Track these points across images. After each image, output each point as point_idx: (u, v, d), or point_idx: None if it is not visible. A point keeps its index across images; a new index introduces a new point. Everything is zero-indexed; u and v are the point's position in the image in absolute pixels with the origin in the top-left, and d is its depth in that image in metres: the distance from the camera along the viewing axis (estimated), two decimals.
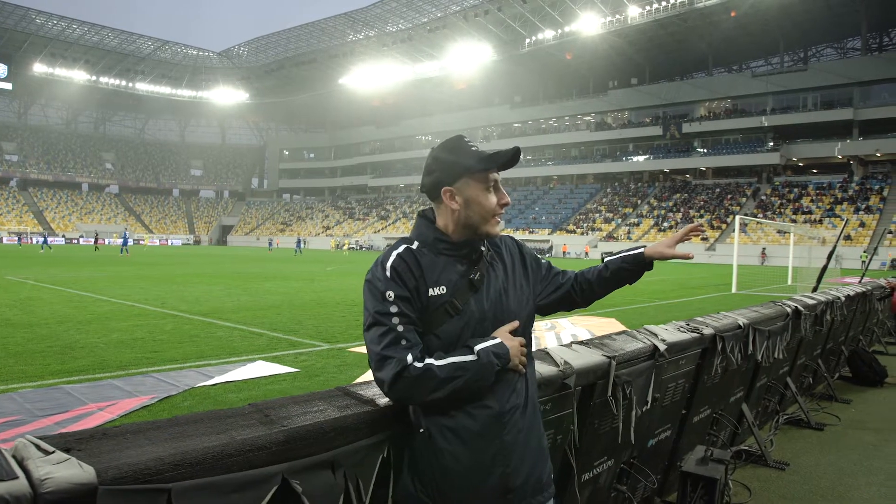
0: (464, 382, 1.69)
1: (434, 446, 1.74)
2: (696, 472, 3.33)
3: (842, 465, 4.86)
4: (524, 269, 1.99)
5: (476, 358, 1.71)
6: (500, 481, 1.76)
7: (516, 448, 1.78)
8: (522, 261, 2.00)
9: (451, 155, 1.83)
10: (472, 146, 1.84)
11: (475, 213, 1.82)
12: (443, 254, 1.82)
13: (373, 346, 1.71)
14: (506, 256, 1.95)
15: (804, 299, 5.71)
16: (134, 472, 1.30)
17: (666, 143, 67.72)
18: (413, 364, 1.67)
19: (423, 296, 1.77)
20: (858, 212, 50.77)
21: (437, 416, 1.75)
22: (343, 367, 7.65)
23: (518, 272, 1.96)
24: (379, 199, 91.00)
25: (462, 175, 1.82)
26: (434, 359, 1.70)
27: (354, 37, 77.28)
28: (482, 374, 1.71)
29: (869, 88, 56.08)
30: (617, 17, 61.32)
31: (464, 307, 1.78)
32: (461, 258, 1.84)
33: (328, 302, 15.08)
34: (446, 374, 1.68)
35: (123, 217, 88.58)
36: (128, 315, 11.90)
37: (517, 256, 2.00)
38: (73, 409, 5.71)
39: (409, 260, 1.79)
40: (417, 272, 1.78)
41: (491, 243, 1.94)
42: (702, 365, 3.70)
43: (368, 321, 1.75)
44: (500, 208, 1.85)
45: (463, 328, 1.77)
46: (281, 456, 1.51)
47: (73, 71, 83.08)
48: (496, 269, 1.90)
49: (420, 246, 1.83)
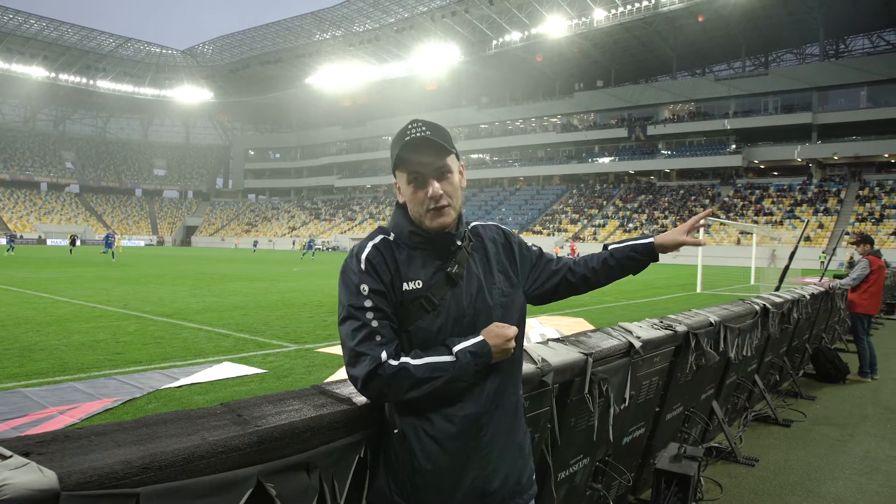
0: (441, 383, 1.63)
1: (408, 446, 1.68)
2: (669, 469, 3.34)
3: (809, 460, 4.94)
4: (512, 258, 1.90)
5: (454, 359, 1.65)
6: (477, 484, 1.70)
7: (494, 449, 1.73)
8: (510, 250, 1.91)
9: (393, 143, 1.76)
10: (408, 133, 1.72)
11: (411, 207, 1.76)
12: (417, 247, 1.75)
13: (347, 340, 1.65)
14: (489, 247, 1.86)
15: (771, 297, 5.78)
16: (99, 477, 1.22)
17: (631, 145, 68.51)
18: (388, 362, 1.61)
19: (398, 290, 1.70)
20: (817, 213, 51.98)
21: (412, 415, 1.69)
22: (312, 368, 7.54)
23: (503, 262, 1.87)
24: (345, 200, 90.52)
25: (395, 167, 1.76)
26: (411, 357, 1.64)
27: (321, 36, 76.78)
28: (459, 374, 1.65)
29: (827, 93, 57.49)
30: (583, 20, 61.86)
31: (440, 302, 1.71)
32: (436, 250, 1.76)
33: (295, 302, 14.90)
34: (422, 374, 1.62)
35: (84, 217, 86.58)
36: (89, 316, 11.59)
37: (503, 245, 1.91)
38: (32, 412, 5.52)
39: (385, 252, 1.72)
40: (392, 265, 1.71)
41: (472, 234, 1.86)
42: (675, 362, 3.70)
43: (342, 314, 1.68)
44: (431, 202, 1.72)
45: (441, 325, 1.70)
46: (255, 457, 1.45)
47: (31, 67, 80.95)
48: (477, 261, 1.81)
49: (396, 237, 1.76)
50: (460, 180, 1.80)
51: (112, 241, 39.98)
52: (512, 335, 1.70)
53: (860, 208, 51.11)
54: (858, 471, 4.76)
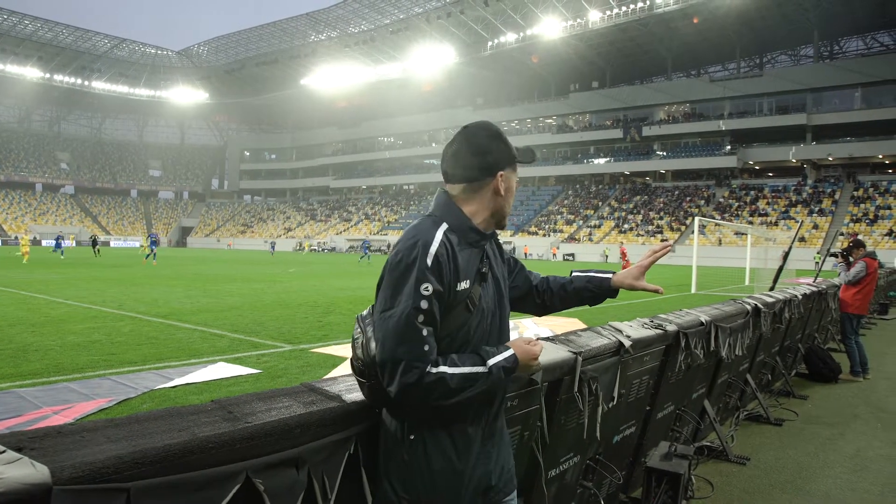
0: (473, 394, 1.64)
1: (426, 451, 1.68)
2: (660, 467, 3.36)
3: (800, 459, 4.97)
4: (502, 261, 1.97)
5: (487, 371, 1.65)
6: (483, 481, 1.75)
7: (494, 446, 1.80)
8: (500, 253, 1.97)
9: (503, 141, 1.79)
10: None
11: (509, 203, 1.82)
12: (471, 244, 1.75)
13: (391, 339, 1.59)
14: (496, 248, 1.95)
15: (763, 297, 5.82)
16: (91, 472, 1.24)
17: (626, 146, 68.62)
18: (429, 371, 1.58)
19: (453, 290, 1.67)
20: (812, 214, 52.18)
21: (434, 422, 1.68)
22: (306, 368, 7.55)
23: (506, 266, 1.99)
24: (341, 201, 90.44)
25: (510, 162, 1.81)
26: (447, 366, 1.61)
27: (316, 37, 76.74)
28: (490, 388, 1.67)
29: (821, 95, 57.69)
30: (578, 21, 61.98)
31: (479, 302, 1.73)
32: (481, 250, 1.79)
33: (290, 303, 14.91)
34: (457, 384, 1.60)
35: (79, 218, 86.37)
36: (84, 317, 11.59)
37: (499, 248, 1.98)
38: (26, 413, 5.53)
39: (450, 247, 1.67)
40: (454, 263, 1.67)
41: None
42: (666, 361, 3.73)
43: (395, 308, 1.60)
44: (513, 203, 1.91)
45: (477, 324, 1.73)
46: (244, 453, 1.47)
47: (26, 68, 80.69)
48: (495, 261, 1.88)
49: (450, 231, 1.71)
50: None
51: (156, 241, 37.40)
52: (539, 353, 1.76)
53: (855, 209, 51.33)
54: (849, 469, 4.80)
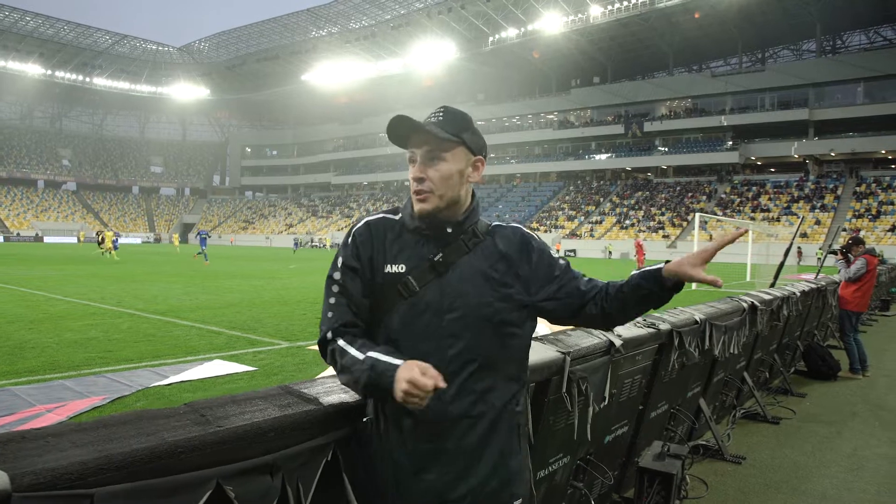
0: (351, 379, 1.62)
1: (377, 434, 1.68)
2: (652, 467, 3.33)
3: (796, 458, 4.93)
4: (520, 264, 1.75)
5: (363, 360, 1.58)
6: (434, 487, 1.66)
7: (459, 457, 1.66)
8: (525, 256, 1.75)
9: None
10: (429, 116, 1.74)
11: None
12: (413, 231, 1.72)
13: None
14: (500, 246, 1.75)
15: (760, 294, 5.78)
16: (53, 478, 1.21)
17: (628, 142, 68.51)
18: (327, 338, 1.68)
19: (379, 271, 1.68)
20: (814, 210, 52.07)
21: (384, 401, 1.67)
22: (302, 366, 7.53)
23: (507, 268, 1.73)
24: (342, 197, 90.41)
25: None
26: (350, 344, 1.64)
27: (317, 33, 76.64)
28: (371, 383, 1.56)
29: (823, 89, 57.46)
30: (579, 17, 61.85)
31: (421, 290, 1.66)
32: (429, 238, 1.71)
33: (289, 300, 14.89)
34: (344, 363, 1.62)
35: (81, 215, 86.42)
36: (82, 314, 11.58)
37: (515, 249, 1.76)
38: (20, 410, 5.51)
39: (376, 230, 1.73)
40: (379, 245, 1.71)
41: (485, 231, 1.77)
42: (659, 360, 3.70)
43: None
44: (415, 183, 1.69)
45: (415, 316, 1.65)
46: (215, 458, 1.43)
47: (27, 64, 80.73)
48: (473, 258, 1.71)
49: (401, 217, 1.75)
50: (469, 174, 1.74)
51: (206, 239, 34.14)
52: (424, 388, 1.44)
53: (857, 205, 51.20)
54: (846, 468, 4.76)
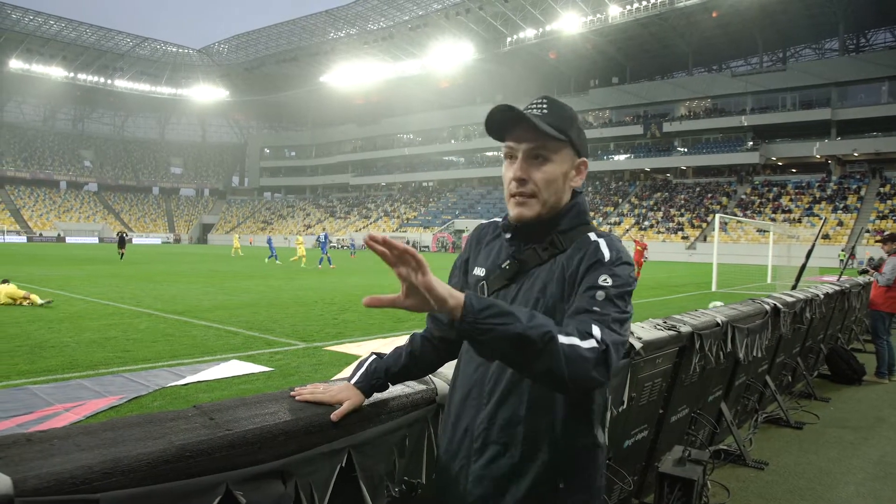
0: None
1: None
2: (673, 473, 3.26)
3: (821, 465, 4.82)
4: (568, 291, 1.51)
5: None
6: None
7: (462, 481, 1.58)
8: (573, 282, 1.50)
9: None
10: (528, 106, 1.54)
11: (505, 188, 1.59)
12: (504, 234, 1.64)
13: None
14: (573, 261, 1.52)
15: (783, 297, 5.67)
16: (57, 482, 1.18)
17: (647, 143, 68.05)
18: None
19: (470, 273, 1.68)
20: (836, 211, 51.35)
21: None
22: (319, 367, 7.52)
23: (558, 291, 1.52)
24: (360, 198, 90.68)
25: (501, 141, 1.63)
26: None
27: (335, 35, 76.94)
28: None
29: (846, 89, 56.67)
30: (598, 17, 61.54)
31: (490, 295, 1.57)
32: (510, 243, 1.61)
33: (306, 300, 14.91)
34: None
35: (102, 216, 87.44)
36: (101, 314, 11.66)
37: (573, 271, 1.51)
38: (38, 410, 5.54)
39: (480, 232, 1.74)
40: (476, 247, 1.71)
41: (570, 241, 1.56)
42: (679, 363, 3.62)
43: None
44: (514, 185, 1.53)
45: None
46: (225, 463, 1.39)
47: (51, 67, 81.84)
48: (543, 271, 1.55)
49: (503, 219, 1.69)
50: (572, 177, 1.57)
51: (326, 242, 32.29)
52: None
53: (881, 205, 50.41)
54: (872, 475, 4.64)
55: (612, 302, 1.40)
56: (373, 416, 1.72)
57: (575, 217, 1.58)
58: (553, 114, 1.52)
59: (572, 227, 1.57)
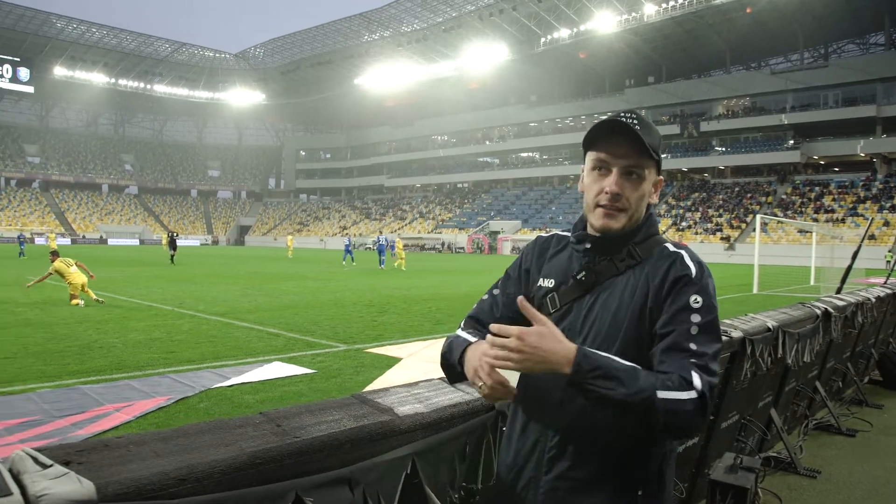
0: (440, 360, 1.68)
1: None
2: (725, 480, 3.21)
3: (877, 474, 4.68)
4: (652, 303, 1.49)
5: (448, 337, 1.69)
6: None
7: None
8: (659, 294, 1.48)
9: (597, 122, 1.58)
10: (616, 117, 1.52)
11: (586, 197, 1.58)
12: (575, 245, 1.63)
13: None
14: (647, 275, 1.52)
15: (833, 300, 5.54)
16: (136, 488, 1.21)
17: (684, 142, 67.09)
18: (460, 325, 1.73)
19: (533, 283, 1.67)
20: (882, 210, 49.91)
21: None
22: (360, 369, 7.56)
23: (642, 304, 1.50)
24: (395, 200, 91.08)
25: (585, 146, 1.58)
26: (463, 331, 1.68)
27: (369, 37, 77.42)
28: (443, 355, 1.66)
29: (892, 84, 54.99)
30: (633, 15, 60.90)
31: (563, 308, 1.57)
32: (584, 253, 1.60)
33: (345, 302, 15.02)
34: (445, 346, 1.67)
35: (143, 218, 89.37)
36: (145, 315, 11.91)
37: (658, 283, 1.50)
38: (90, 409, 5.68)
39: (542, 244, 1.73)
40: (538, 258, 1.70)
41: (647, 254, 1.55)
42: (731, 369, 3.56)
43: None
44: (605, 197, 1.52)
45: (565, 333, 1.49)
46: (294, 470, 1.41)
47: (93, 73, 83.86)
48: (621, 283, 1.54)
49: (569, 231, 1.70)
50: (651, 194, 1.58)
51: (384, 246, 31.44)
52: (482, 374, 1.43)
53: None
54: None
55: (706, 334, 1.43)
56: (435, 423, 1.73)
57: (648, 229, 1.60)
58: (645, 131, 1.51)
59: (646, 239, 1.59)
